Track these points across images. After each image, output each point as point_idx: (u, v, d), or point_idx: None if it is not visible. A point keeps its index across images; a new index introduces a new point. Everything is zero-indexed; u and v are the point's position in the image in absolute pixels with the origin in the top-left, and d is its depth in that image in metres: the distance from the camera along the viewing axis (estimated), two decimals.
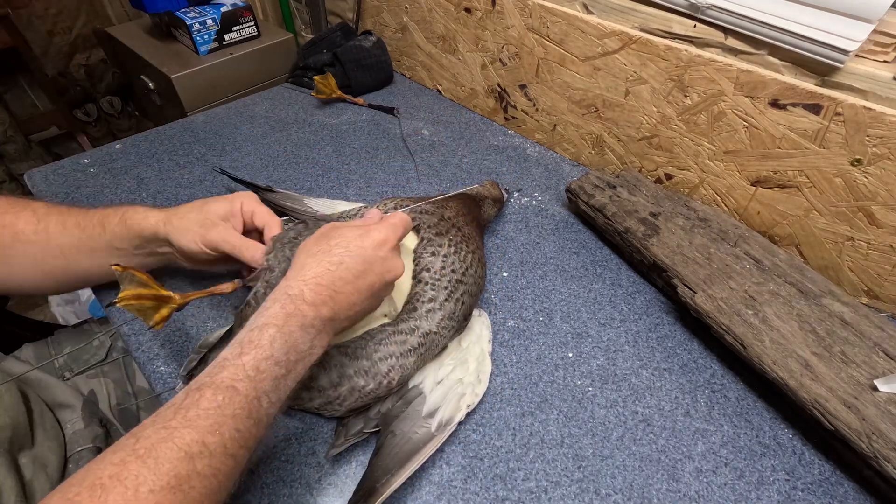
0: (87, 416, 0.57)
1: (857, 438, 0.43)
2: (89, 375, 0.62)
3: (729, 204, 0.68)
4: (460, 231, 0.54)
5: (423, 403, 0.47)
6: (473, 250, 0.54)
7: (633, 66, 0.68)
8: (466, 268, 0.52)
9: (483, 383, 0.50)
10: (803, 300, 0.54)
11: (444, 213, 0.56)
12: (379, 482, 0.41)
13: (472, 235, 0.55)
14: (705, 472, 0.46)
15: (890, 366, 0.48)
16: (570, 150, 0.84)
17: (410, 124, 0.91)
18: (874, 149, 0.52)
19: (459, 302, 0.50)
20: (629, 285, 0.64)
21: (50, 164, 0.77)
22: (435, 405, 0.47)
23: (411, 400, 0.47)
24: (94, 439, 0.56)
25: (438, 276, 0.50)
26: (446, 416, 0.46)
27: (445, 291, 0.49)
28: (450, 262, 0.51)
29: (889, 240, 0.56)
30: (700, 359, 0.56)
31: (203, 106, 1.16)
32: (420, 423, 0.45)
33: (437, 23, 0.91)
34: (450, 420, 0.46)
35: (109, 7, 1.84)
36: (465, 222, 0.56)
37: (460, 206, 0.59)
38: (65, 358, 0.64)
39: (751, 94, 0.59)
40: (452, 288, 0.50)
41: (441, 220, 0.55)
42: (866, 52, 0.53)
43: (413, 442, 0.44)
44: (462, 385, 0.49)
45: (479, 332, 0.54)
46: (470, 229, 0.56)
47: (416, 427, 0.45)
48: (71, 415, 0.56)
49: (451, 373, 0.50)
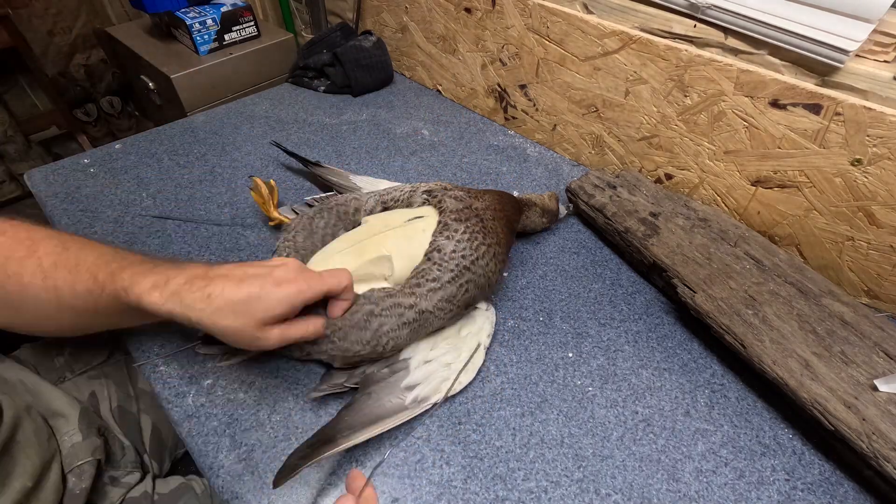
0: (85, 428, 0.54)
1: (857, 438, 0.43)
2: (90, 376, 0.62)
3: (729, 204, 0.68)
4: (482, 223, 0.54)
5: (406, 377, 0.48)
6: (490, 244, 0.53)
7: (633, 66, 0.68)
8: (477, 258, 0.51)
9: (469, 373, 0.51)
10: (803, 300, 0.54)
11: (473, 204, 0.56)
12: (341, 434, 0.42)
13: (494, 230, 0.55)
14: (705, 472, 0.46)
15: (890, 366, 0.48)
16: (570, 150, 0.84)
17: (410, 124, 0.91)
18: (874, 149, 0.52)
19: (462, 288, 0.50)
20: (629, 285, 0.64)
21: (50, 164, 0.76)
22: (415, 381, 0.48)
23: (397, 371, 0.49)
24: (93, 452, 0.52)
25: (447, 259, 0.50)
26: (423, 393, 0.48)
27: (451, 274, 0.50)
28: (461, 248, 0.51)
29: (889, 240, 0.56)
30: (700, 359, 0.56)
31: (203, 106, 1.15)
32: (397, 393, 0.47)
33: (437, 23, 0.91)
34: (425, 398, 0.48)
35: (109, 7, 1.84)
36: (493, 216, 0.56)
37: (495, 201, 0.58)
38: (65, 358, 0.63)
39: (751, 94, 0.59)
40: (458, 273, 0.50)
41: (466, 209, 0.55)
42: (866, 52, 0.53)
43: (384, 408, 0.46)
44: (448, 370, 0.50)
45: (480, 325, 0.55)
46: (496, 224, 0.55)
47: (391, 396, 0.47)
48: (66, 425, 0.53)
49: (443, 356, 0.51)
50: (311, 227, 0.56)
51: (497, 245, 0.54)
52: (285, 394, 0.50)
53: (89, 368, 0.62)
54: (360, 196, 0.60)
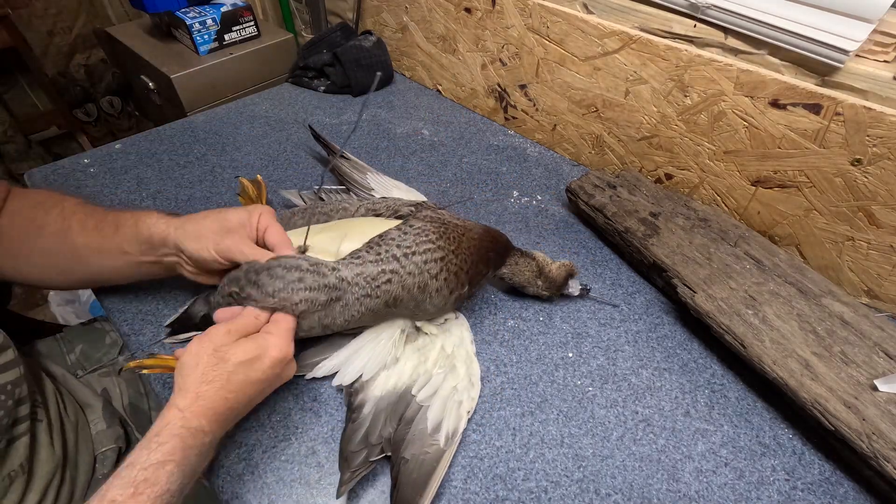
0: (108, 417, 0.57)
1: (857, 438, 0.43)
2: (102, 374, 0.63)
3: (729, 204, 0.68)
4: (445, 229, 0.50)
5: (425, 421, 0.47)
6: (445, 253, 0.49)
7: (633, 66, 0.68)
8: (414, 252, 0.48)
9: (476, 386, 0.50)
10: (803, 300, 0.54)
11: (447, 218, 0.53)
12: None
13: (458, 242, 0.50)
14: (705, 472, 0.46)
15: (890, 366, 0.48)
16: (570, 150, 0.84)
17: (410, 124, 0.91)
18: (874, 149, 0.52)
19: (384, 274, 0.47)
20: (629, 285, 0.64)
21: (50, 164, 0.77)
22: (437, 419, 0.47)
23: (412, 419, 0.47)
24: (116, 440, 0.57)
25: (380, 243, 0.48)
26: (451, 427, 0.46)
27: (375, 256, 0.47)
28: (402, 239, 0.48)
29: (889, 240, 0.56)
30: (700, 359, 0.56)
31: (203, 106, 1.15)
32: (428, 441, 0.45)
33: (437, 23, 0.91)
34: (455, 431, 0.46)
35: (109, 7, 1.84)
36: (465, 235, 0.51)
37: (478, 228, 0.54)
38: (76, 356, 0.64)
39: (751, 94, 0.59)
40: (384, 258, 0.47)
41: (438, 218, 0.52)
42: (866, 51, 0.53)
43: (427, 463, 0.44)
44: (458, 392, 0.49)
45: (460, 335, 0.54)
46: (465, 242, 0.51)
47: (425, 447, 0.45)
48: (92, 414, 0.57)
49: (444, 382, 0.50)
50: (289, 223, 0.57)
51: (454, 258, 0.50)
52: (285, 394, 0.50)
53: (100, 367, 0.64)
54: (350, 207, 0.58)
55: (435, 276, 0.48)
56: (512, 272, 0.57)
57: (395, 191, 0.69)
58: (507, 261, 0.57)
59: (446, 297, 0.50)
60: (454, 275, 0.49)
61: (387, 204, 0.57)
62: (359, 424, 0.46)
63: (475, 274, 0.52)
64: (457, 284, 0.50)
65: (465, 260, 0.50)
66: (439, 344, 0.52)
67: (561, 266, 0.58)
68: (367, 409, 0.47)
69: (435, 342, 0.53)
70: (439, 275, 0.49)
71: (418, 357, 0.52)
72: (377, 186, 0.69)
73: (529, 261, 0.58)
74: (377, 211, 0.57)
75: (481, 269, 0.52)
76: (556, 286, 0.58)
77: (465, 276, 0.50)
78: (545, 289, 0.58)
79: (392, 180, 0.71)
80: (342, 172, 0.71)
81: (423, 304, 0.50)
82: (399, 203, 0.57)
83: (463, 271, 0.50)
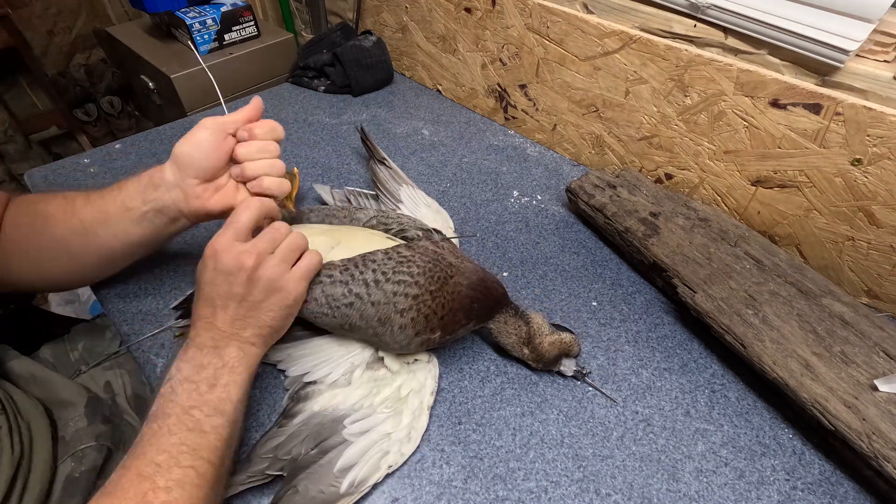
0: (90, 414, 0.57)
1: (857, 438, 0.43)
2: (105, 367, 0.64)
3: (729, 204, 0.68)
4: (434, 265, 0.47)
5: (339, 457, 0.43)
6: (422, 291, 0.46)
7: (633, 66, 0.68)
8: (386, 281, 0.46)
9: (413, 441, 0.46)
10: (803, 300, 0.54)
11: (443, 254, 0.49)
12: None
13: (441, 283, 0.47)
14: (705, 472, 0.46)
15: (890, 366, 0.48)
16: (570, 150, 0.84)
17: (410, 124, 0.91)
18: (874, 148, 0.52)
19: (346, 297, 0.46)
20: (629, 285, 0.64)
21: (50, 164, 0.77)
22: (351, 461, 0.43)
23: (327, 450, 0.43)
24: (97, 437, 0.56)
25: (361, 263, 0.47)
26: (361, 475, 0.42)
27: (349, 277, 0.47)
28: (382, 263, 0.47)
29: (889, 240, 0.56)
30: (700, 359, 0.56)
31: (203, 106, 1.15)
32: (329, 479, 0.42)
33: (437, 22, 0.91)
34: (363, 480, 0.42)
35: (109, 7, 1.84)
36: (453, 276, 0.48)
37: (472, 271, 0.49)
38: (80, 352, 0.66)
39: (751, 94, 0.59)
40: (356, 281, 0.46)
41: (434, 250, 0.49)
42: (866, 51, 0.53)
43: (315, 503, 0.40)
44: (388, 441, 0.45)
45: (422, 382, 0.49)
46: (451, 286, 0.47)
47: (322, 485, 0.41)
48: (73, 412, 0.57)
49: (381, 425, 0.46)
50: (303, 218, 0.59)
51: (430, 299, 0.46)
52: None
53: (103, 360, 0.65)
54: (363, 216, 0.58)
55: (401, 312, 0.45)
56: (498, 330, 0.52)
57: (424, 209, 0.67)
58: (497, 317, 0.51)
59: (410, 337, 0.47)
60: (424, 317, 0.46)
61: (399, 221, 0.56)
62: (280, 432, 0.45)
63: (451, 322, 0.48)
64: (425, 327, 0.46)
65: (441, 305, 0.46)
66: (397, 383, 0.49)
67: (557, 342, 0.51)
68: (297, 420, 0.46)
69: (394, 380, 0.49)
70: (406, 312, 0.46)
71: (370, 388, 0.48)
72: (406, 200, 0.68)
73: (520, 324, 0.51)
74: (388, 226, 0.55)
75: (459, 318, 0.48)
76: (545, 362, 0.51)
77: (437, 321, 0.47)
78: (531, 359, 0.52)
79: (426, 197, 0.69)
80: (379, 178, 0.71)
81: (383, 337, 0.47)
82: (411, 223, 0.55)
83: (436, 315, 0.46)
